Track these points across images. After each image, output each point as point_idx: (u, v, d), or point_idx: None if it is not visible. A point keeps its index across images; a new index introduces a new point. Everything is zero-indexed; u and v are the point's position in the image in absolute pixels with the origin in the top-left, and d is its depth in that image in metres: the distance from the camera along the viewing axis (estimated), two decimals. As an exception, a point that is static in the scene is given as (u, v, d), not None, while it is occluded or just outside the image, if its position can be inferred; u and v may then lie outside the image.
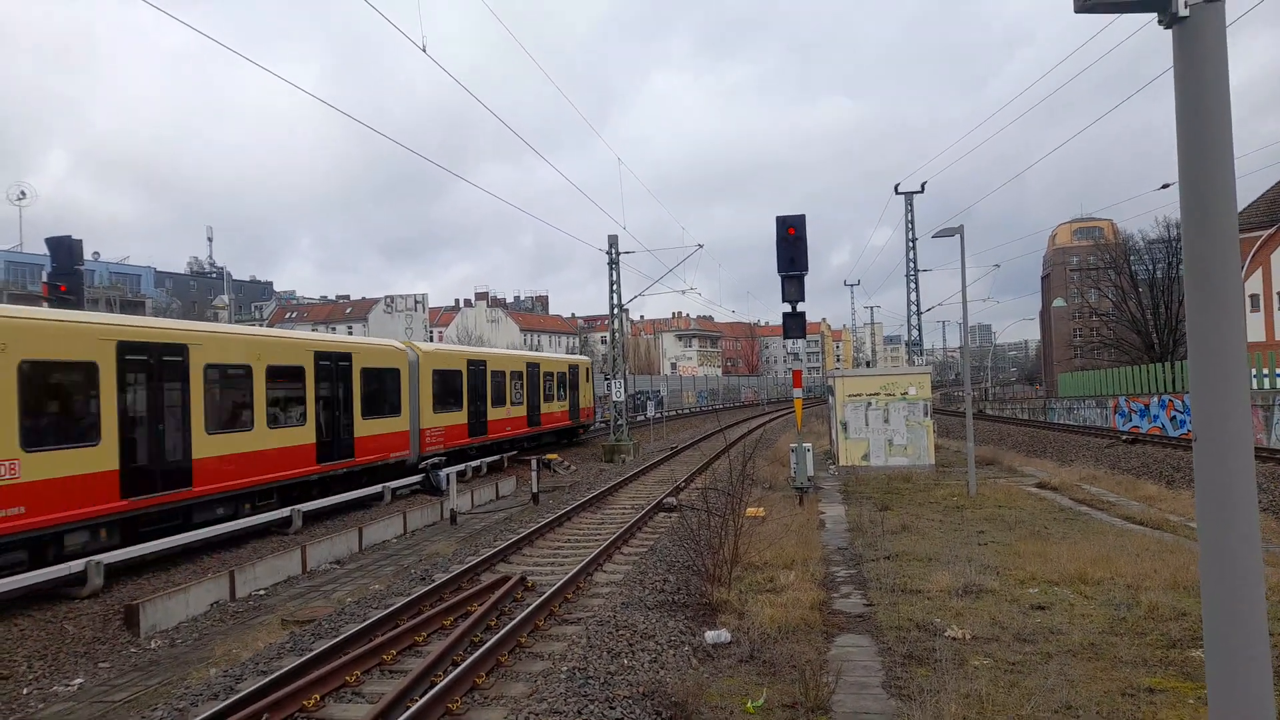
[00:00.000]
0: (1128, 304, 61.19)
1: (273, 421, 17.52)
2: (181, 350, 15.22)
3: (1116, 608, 9.20)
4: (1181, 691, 6.79)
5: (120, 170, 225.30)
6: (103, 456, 13.24)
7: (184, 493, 15.00)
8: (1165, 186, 28.58)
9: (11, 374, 11.84)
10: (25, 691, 9.04)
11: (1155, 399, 38.17)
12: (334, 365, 19.92)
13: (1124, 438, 34.79)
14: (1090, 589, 10.06)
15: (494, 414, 28.91)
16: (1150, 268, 61.15)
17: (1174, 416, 35.81)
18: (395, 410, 22.54)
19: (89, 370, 13.24)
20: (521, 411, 31.52)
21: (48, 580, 11.59)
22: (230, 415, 16.48)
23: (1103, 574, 10.53)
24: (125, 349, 13.93)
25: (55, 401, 13.08)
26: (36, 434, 12.21)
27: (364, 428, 20.87)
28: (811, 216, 17.31)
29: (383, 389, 22.03)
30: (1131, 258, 62.83)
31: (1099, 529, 14.29)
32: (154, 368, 14.57)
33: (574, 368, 37.99)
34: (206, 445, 15.53)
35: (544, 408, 33.72)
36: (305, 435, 18.53)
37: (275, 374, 17.63)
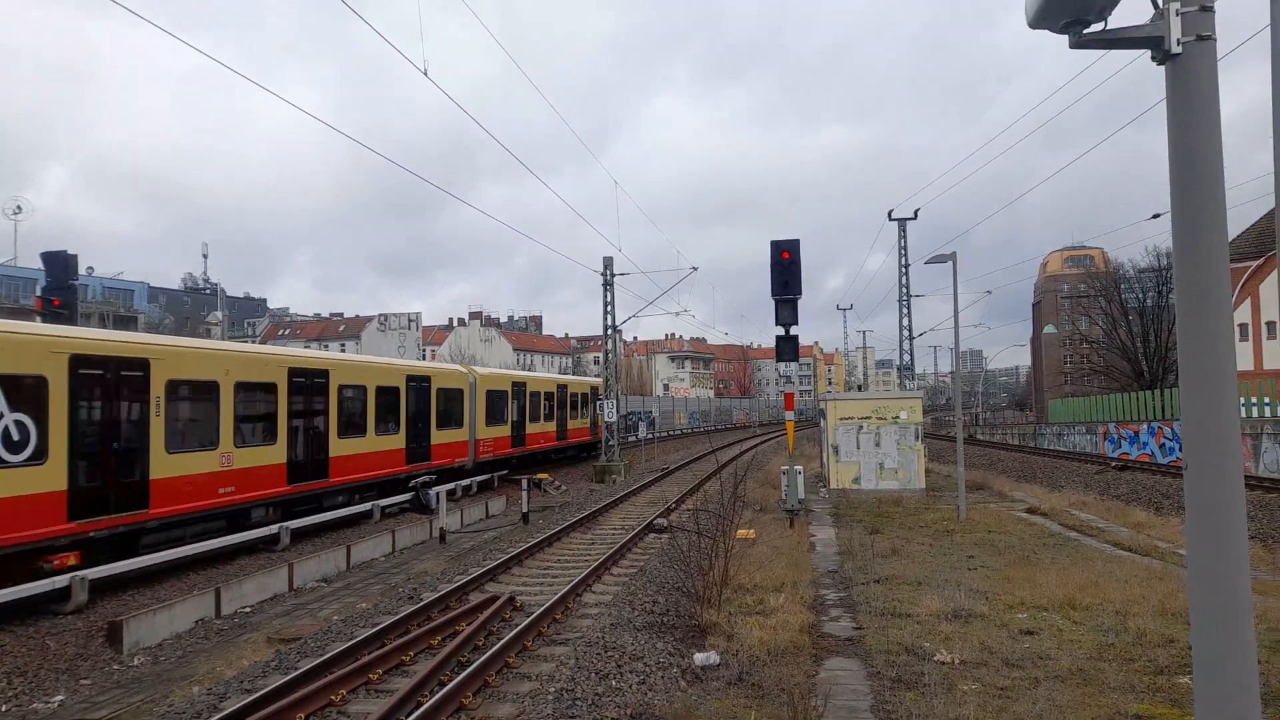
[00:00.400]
0: (1118, 332, 61.54)
1: (377, 430, 21.60)
2: (325, 374, 19.49)
3: (1105, 633, 9.20)
4: (1169, 718, 6.78)
5: (121, 186, 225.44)
6: (278, 453, 17.57)
7: (323, 483, 19.22)
8: (1156, 216, 28.87)
9: (230, 392, 16.20)
10: (4, 709, 8.92)
11: (1145, 426, 38.33)
12: (419, 385, 24.03)
13: (1113, 464, 34.89)
14: (1079, 614, 10.06)
15: (531, 428, 32.86)
16: (1140, 296, 61.55)
17: (1163, 444, 35.95)
18: (459, 423, 26.70)
19: (272, 389, 17.57)
20: (552, 427, 35.41)
21: (31, 595, 11.48)
22: (352, 424, 20.56)
23: (1091, 600, 10.54)
24: (293, 373, 18.24)
25: (253, 411, 17.15)
26: (242, 435, 16.53)
27: (438, 437, 24.96)
28: (808, 241, 17.65)
29: (451, 406, 26.07)
30: (1122, 286, 63.28)
31: (1088, 555, 14.31)
32: (308, 387, 18.77)
33: (594, 389, 41.73)
34: (339, 447, 19.72)
35: (570, 424, 37.60)
36: (398, 442, 22.71)
37: (381, 392, 21.81)
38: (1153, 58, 3.85)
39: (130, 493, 13.77)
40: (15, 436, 11.85)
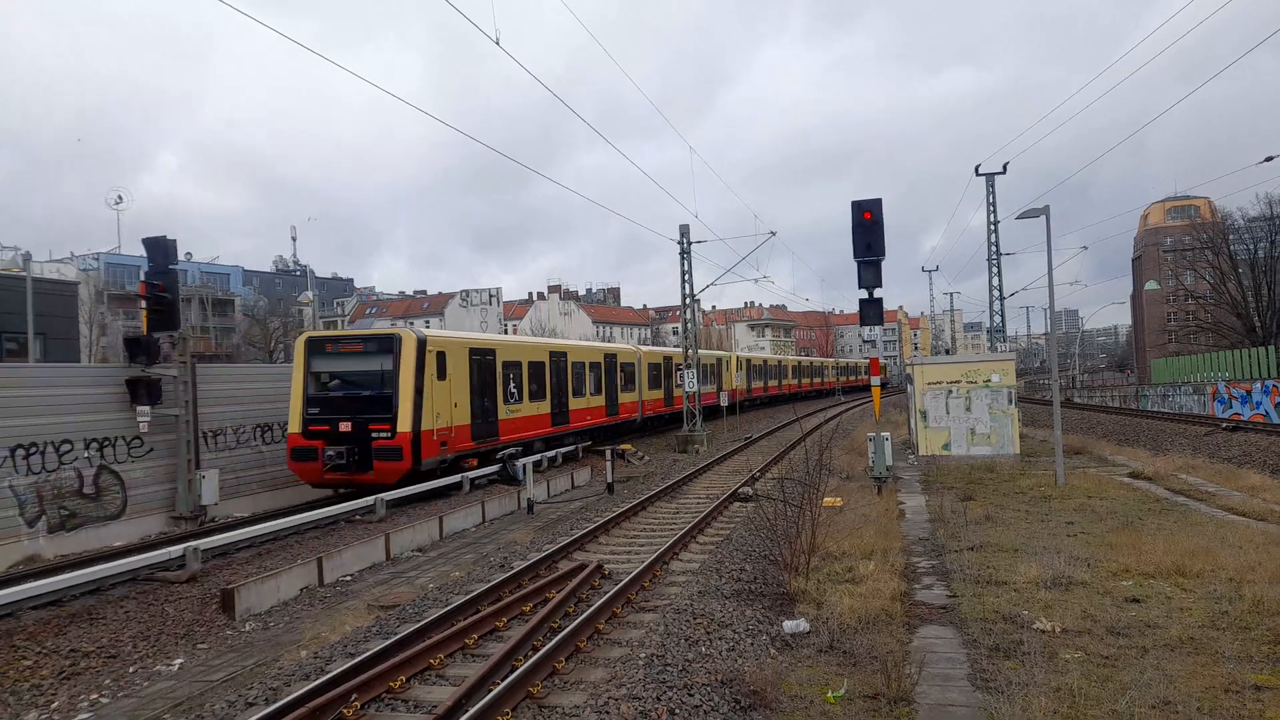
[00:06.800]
0: (1227, 286, 58.13)
1: (593, 391, 30.28)
2: (565, 354, 28.47)
3: (1217, 601, 8.77)
4: (1292, 689, 6.44)
5: (223, 171, 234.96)
6: (544, 406, 26.04)
7: (565, 427, 27.79)
8: (1269, 159, 27.01)
9: (493, 371, 22.48)
10: (131, 670, 9.51)
11: (1259, 385, 36.24)
12: (610, 361, 32.46)
13: (1224, 425, 33.17)
14: (1189, 582, 9.62)
15: (650, 395, 38.24)
16: (1251, 247, 57.95)
17: (1279, 403, 33.96)
18: (631, 388, 34.81)
19: (542, 366, 26.29)
20: (660, 394, 40.19)
21: (150, 564, 12.18)
22: (539, 391, 26.16)
23: (1202, 566, 10.06)
24: (553, 355, 27.27)
25: (520, 381, 24.58)
26: (510, 397, 23.73)
27: (620, 397, 33.23)
28: (917, 197, 17.15)
29: (626, 375, 34.13)
30: (1230, 237, 59.66)
31: (1197, 520, 13.66)
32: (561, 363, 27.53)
33: (719, 359, 49.59)
34: (575, 403, 28.43)
35: (675, 391, 42.13)
36: (600, 400, 31.04)
37: (554, 367, 27.75)
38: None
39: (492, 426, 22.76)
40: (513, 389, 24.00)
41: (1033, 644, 7.54)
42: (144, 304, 18.27)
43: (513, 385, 24.29)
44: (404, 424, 18.83)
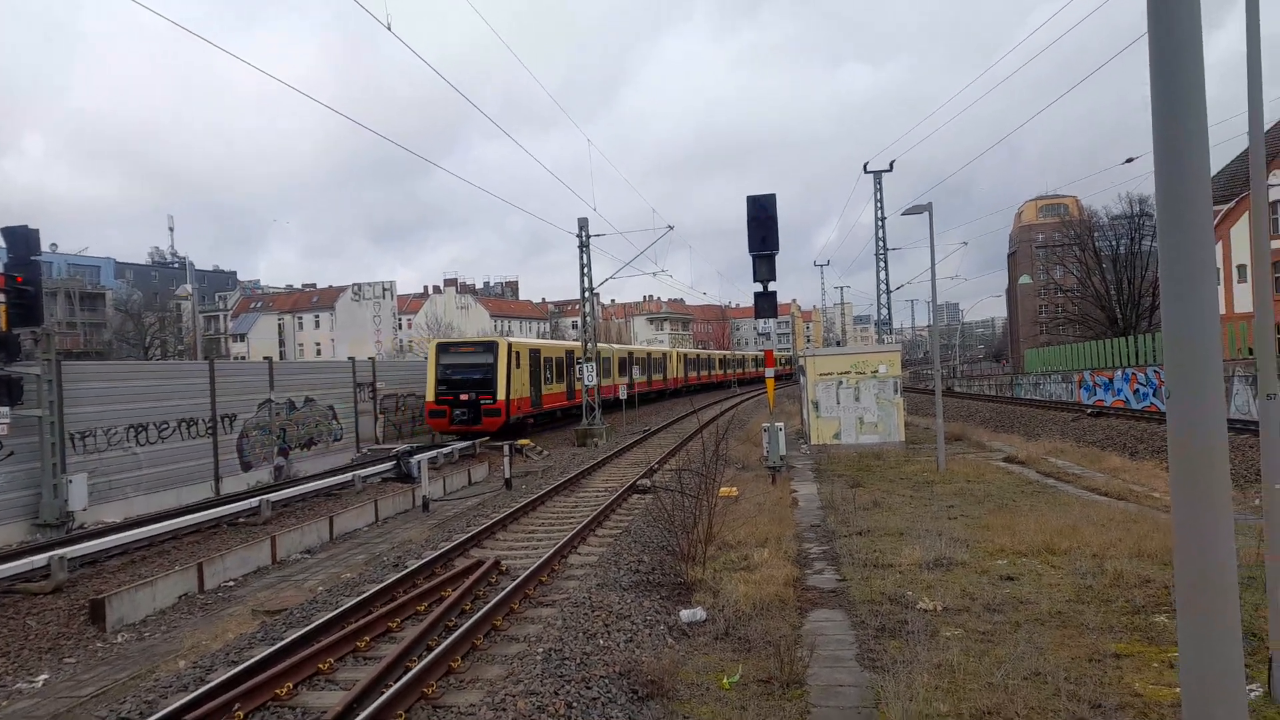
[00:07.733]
0: (1092, 280, 62.05)
1: (571, 378, 38.04)
2: (569, 351, 39.03)
3: (1083, 577, 9.34)
4: (1146, 655, 6.92)
5: (98, 156, 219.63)
6: (563, 386, 37.21)
7: (573, 401, 37.18)
8: (1129, 160, 28.84)
9: (540, 362, 34.13)
10: (-11, 689, 8.86)
11: (1119, 373, 38.82)
12: (566, 356, 39.30)
13: (1089, 411, 35.38)
14: (1057, 559, 10.21)
15: (620, 380, 46.98)
16: (1114, 244, 62.01)
17: (1137, 390, 36.45)
18: (608, 375, 42.11)
19: (567, 360, 37.51)
20: (642, 378, 51.07)
21: (10, 575, 11.36)
22: (560, 376, 37.05)
23: (1069, 544, 10.70)
24: (568, 352, 37.91)
25: (553, 370, 35.71)
26: (546, 381, 34.69)
27: (602, 381, 38.88)
28: (813, 192, 17.51)
29: (604, 365, 40.26)
30: (1095, 234, 63.68)
31: (1065, 501, 14.51)
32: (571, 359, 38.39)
33: (631, 354, 59.51)
34: (578, 385, 37.02)
35: (652, 377, 53.55)
36: (564, 386, 38.08)
37: (567, 360, 38.22)
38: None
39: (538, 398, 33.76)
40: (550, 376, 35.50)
41: (916, 623, 7.86)
42: (2, 298, 16.99)
43: (548, 372, 36.37)
44: (501, 395, 30.85)
